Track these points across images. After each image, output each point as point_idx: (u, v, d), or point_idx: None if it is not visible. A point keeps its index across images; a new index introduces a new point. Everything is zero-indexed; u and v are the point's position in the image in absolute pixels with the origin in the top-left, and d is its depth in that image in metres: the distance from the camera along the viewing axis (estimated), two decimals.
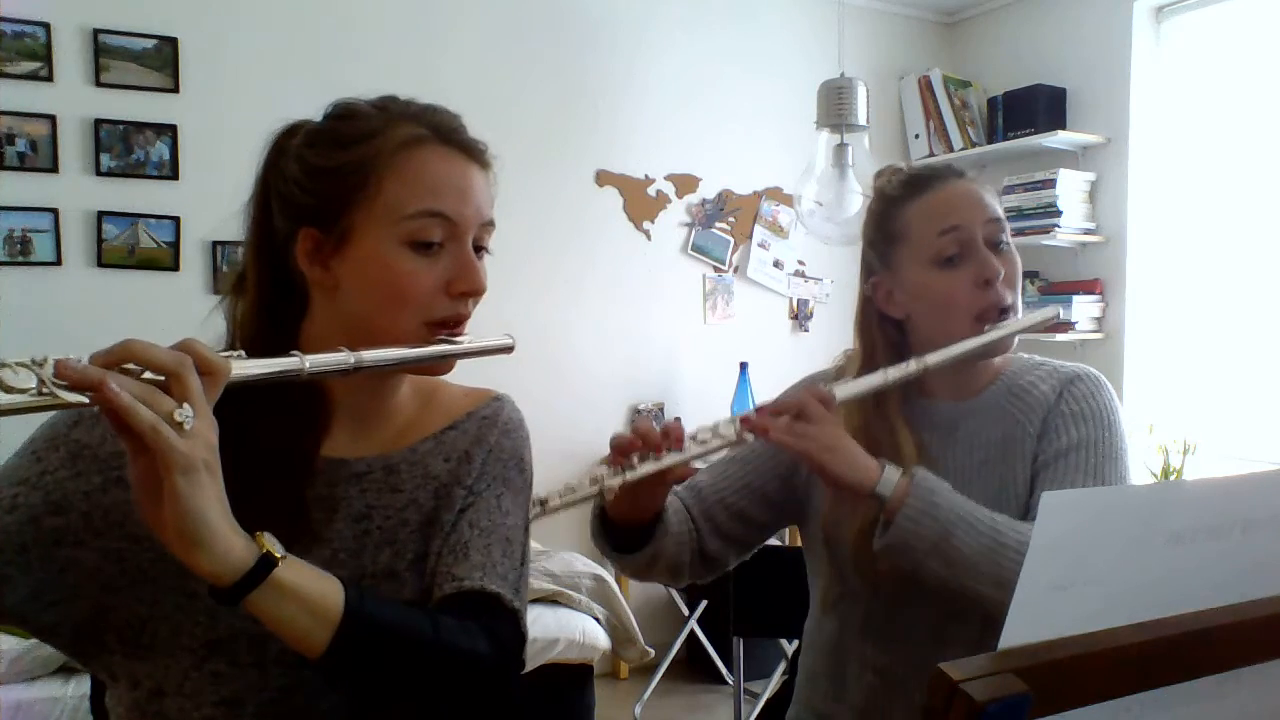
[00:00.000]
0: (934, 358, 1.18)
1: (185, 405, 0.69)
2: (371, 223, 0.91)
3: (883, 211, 1.30)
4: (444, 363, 0.96)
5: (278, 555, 0.75)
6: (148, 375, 0.70)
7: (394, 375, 0.99)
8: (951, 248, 1.22)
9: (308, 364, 0.81)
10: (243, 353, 0.78)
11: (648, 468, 1.10)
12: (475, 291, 0.94)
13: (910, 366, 1.18)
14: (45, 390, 0.65)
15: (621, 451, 1.10)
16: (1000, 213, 1.26)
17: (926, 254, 1.24)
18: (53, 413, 0.91)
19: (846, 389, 1.17)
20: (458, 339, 0.94)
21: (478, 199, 0.95)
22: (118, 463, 0.89)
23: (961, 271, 1.22)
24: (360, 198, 0.91)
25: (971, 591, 1.08)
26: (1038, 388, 1.27)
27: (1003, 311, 1.22)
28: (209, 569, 0.72)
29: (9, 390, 0.64)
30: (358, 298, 0.92)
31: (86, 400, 0.67)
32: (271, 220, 0.95)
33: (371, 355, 0.86)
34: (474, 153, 0.96)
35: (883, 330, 1.31)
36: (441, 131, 0.94)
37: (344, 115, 0.95)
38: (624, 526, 1.22)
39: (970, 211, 1.24)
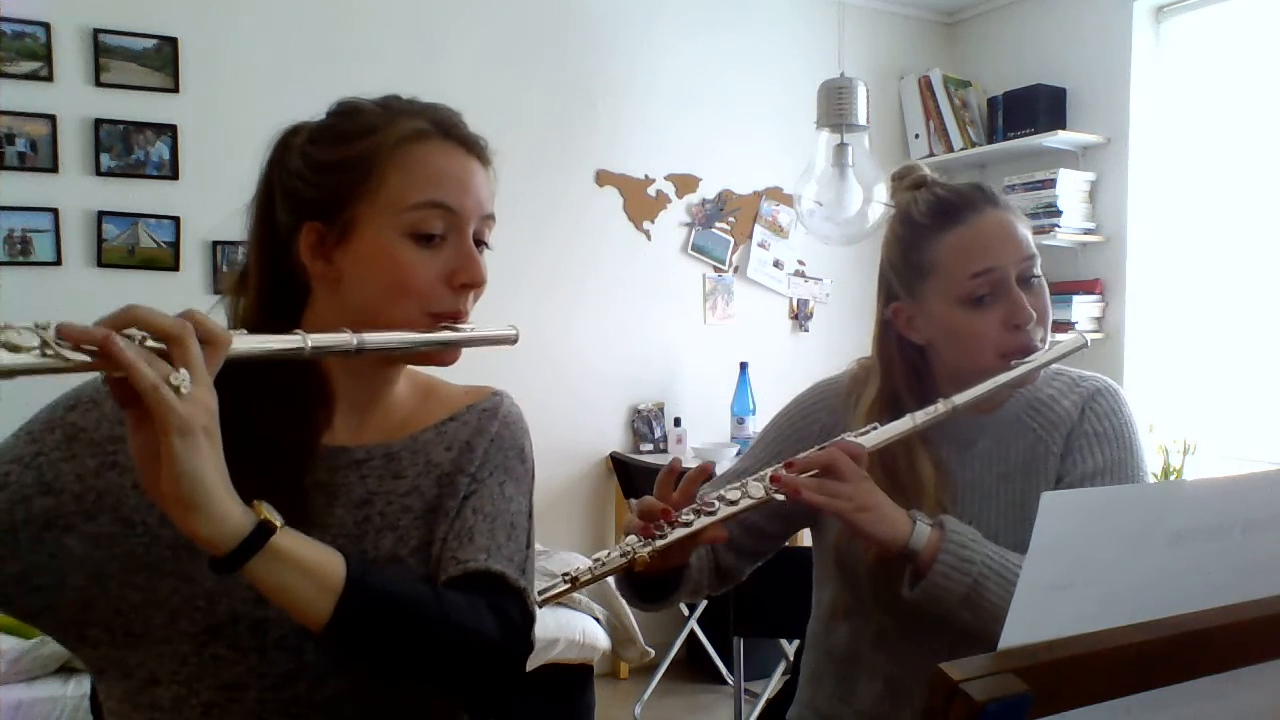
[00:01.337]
0: (962, 398, 1.16)
1: (182, 371, 0.70)
2: (374, 215, 0.92)
3: (909, 239, 1.25)
4: (448, 352, 0.97)
5: (276, 523, 0.75)
6: (149, 344, 0.71)
7: (393, 367, 1.00)
8: (983, 289, 1.19)
9: (309, 343, 0.81)
10: (244, 330, 0.78)
11: (678, 534, 1.10)
12: (476, 283, 0.96)
13: (938, 409, 1.16)
14: (49, 351, 0.65)
15: (650, 519, 1.10)
16: (1033, 247, 1.22)
17: (956, 292, 1.20)
18: (49, 400, 0.92)
19: (876, 439, 1.16)
20: (460, 328, 0.95)
21: (478, 192, 0.96)
22: (113, 447, 0.89)
23: (992, 312, 1.19)
24: (363, 190, 0.92)
25: (999, 637, 1.07)
26: (1059, 403, 1.26)
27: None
28: (206, 534, 0.72)
29: (14, 349, 0.64)
30: (360, 289, 0.93)
31: (90, 360, 0.67)
32: (275, 216, 0.96)
33: (374, 338, 0.87)
34: (474, 147, 0.98)
35: (902, 353, 1.29)
36: (443, 126, 0.96)
37: (347, 112, 0.97)
38: (650, 576, 1.22)
39: (1004, 251, 1.20)
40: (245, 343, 0.77)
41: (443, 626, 0.84)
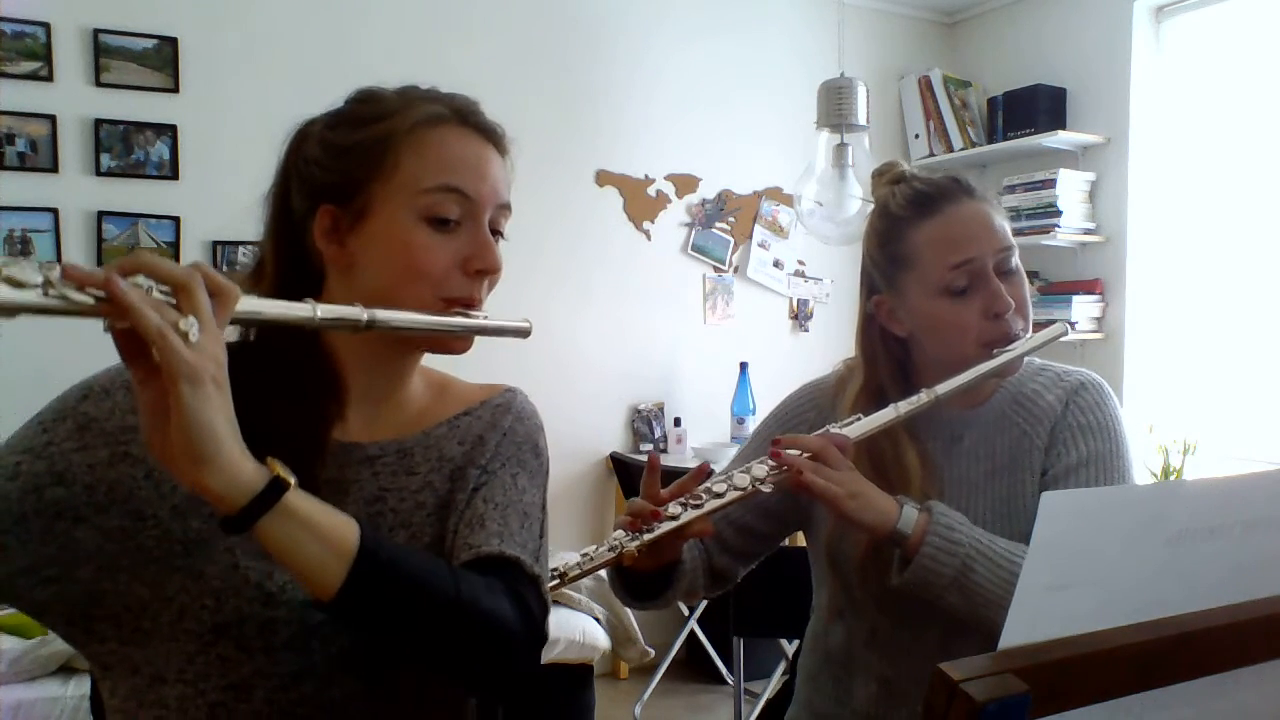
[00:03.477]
0: (944, 388, 1.17)
1: (191, 318, 0.68)
2: (389, 198, 0.92)
3: (887, 231, 1.26)
4: (459, 341, 0.95)
5: (290, 480, 0.73)
6: (157, 293, 0.69)
7: (407, 360, 0.99)
8: (962, 279, 1.19)
9: (319, 312, 0.80)
10: (254, 293, 0.77)
11: (665, 527, 1.10)
12: (491, 270, 0.94)
13: (921, 399, 1.17)
14: (53, 291, 0.63)
15: (640, 517, 1.11)
16: (1011, 237, 1.23)
17: (935, 284, 1.20)
18: (61, 391, 0.91)
19: (860, 429, 1.17)
20: (473, 315, 0.94)
21: (494, 179, 0.96)
22: (126, 438, 0.88)
23: (971, 302, 1.20)
24: (378, 173, 0.92)
25: (989, 622, 1.08)
26: (1043, 397, 1.26)
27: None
28: (217, 489, 0.70)
29: (17, 285, 0.62)
30: (374, 273, 0.92)
31: (94, 304, 0.65)
32: (290, 205, 0.95)
33: (385, 315, 0.85)
34: (492, 135, 0.98)
35: (885, 346, 1.29)
36: (460, 112, 0.96)
37: (365, 99, 0.97)
38: (643, 573, 1.23)
39: (982, 241, 1.20)
40: (253, 303, 0.76)
41: (458, 602, 0.81)
